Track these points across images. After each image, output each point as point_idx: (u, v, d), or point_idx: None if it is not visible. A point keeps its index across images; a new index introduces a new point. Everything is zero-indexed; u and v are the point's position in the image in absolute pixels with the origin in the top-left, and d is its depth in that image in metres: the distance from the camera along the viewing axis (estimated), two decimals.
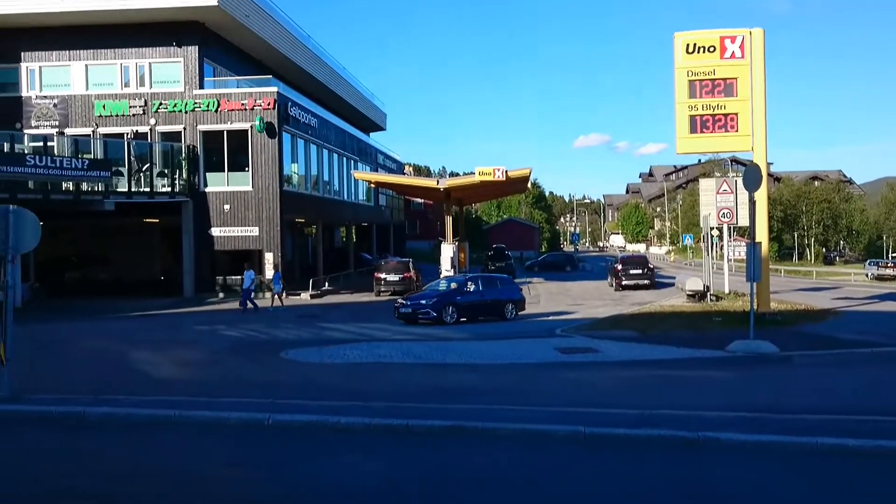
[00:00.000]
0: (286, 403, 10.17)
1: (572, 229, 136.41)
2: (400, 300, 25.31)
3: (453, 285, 25.70)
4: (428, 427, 9.04)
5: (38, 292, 30.94)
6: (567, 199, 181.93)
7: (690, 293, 28.66)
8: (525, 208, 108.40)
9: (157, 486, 7.06)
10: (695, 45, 21.45)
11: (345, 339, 19.45)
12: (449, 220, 39.50)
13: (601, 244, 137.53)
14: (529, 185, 51.56)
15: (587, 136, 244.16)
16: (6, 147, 29.32)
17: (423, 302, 24.36)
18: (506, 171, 34.28)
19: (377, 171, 53.76)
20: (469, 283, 25.95)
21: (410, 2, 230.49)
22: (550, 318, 25.68)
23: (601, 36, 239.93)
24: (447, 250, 36.43)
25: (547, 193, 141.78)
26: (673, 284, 37.23)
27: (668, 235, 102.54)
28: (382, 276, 35.74)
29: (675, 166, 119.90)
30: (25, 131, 33.02)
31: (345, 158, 46.08)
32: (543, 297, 34.96)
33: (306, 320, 25.16)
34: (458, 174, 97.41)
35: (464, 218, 52.28)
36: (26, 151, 29.86)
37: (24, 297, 27.46)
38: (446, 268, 36.07)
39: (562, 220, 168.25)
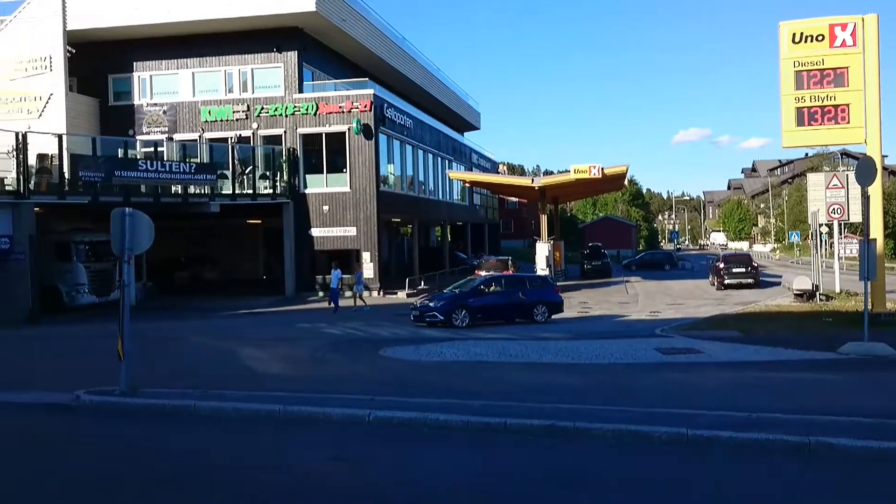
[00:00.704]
0: (386, 400, 10.33)
1: (671, 227, 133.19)
2: (415, 302, 24.56)
3: (479, 287, 24.43)
4: (526, 426, 9.02)
5: (151, 291, 32.41)
6: (665, 196, 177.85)
7: (798, 292, 27.53)
8: (622, 206, 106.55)
9: (260, 478, 7.30)
10: (802, 34, 20.62)
11: (441, 338, 19.60)
12: (544, 219, 39.28)
13: (701, 242, 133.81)
14: (626, 182, 50.63)
15: (686, 131, 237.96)
16: (120, 153, 30.86)
17: (432, 304, 23.62)
18: (602, 169, 33.81)
19: (472, 170, 53.93)
20: (487, 283, 24.72)
21: (505, 4, 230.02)
22: (646, 317, 25.16)
23: (701, 27, 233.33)
24: (542, 249, 36.25)
25: (644, 190, 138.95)
26: (779, 283, 35.87)
27: (772, 233, 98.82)
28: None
29: (779, 161, 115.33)
30: (138, 137, 34.66)
31: (439, 158, 46.42)
32: (641, 295, 34.28)
33: (404, 319, 25.45)
34: (552, 172, 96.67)
35: (559, 216, 51.84)
36: (139, 157, 31.33)
37: (138, 296, 28.85)
38: (541, 266, 35.90)
39: (660, 217, 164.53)
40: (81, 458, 8.17)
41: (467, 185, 49.47)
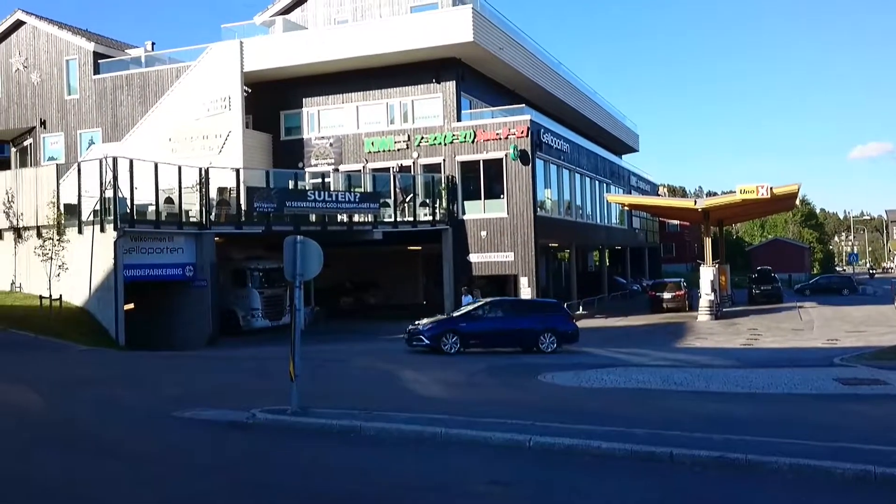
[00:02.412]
0: (546, 426, 10.22)
1: (849, 249, 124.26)
2: (410, 326, 23.53)
3: (473, 311, 23.06)
4: (694, 457, 8.64)
5: (318, 315, 33.90)
6: (842, 217, 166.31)
7: None
8: (792, 227, 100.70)
9: (422, 499, 7.41)
10: None
11: (601, 364, 19.22)
12: (708, 242, 37.83)
13: (886, 265, 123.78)
14: (797, 201, 47.88)
15: (864, 146, 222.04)
16: (291, 184, 32.69)
17: (421, 327, 22.64)
18: (770, 189, 32.17)
19: (630, 193, 52.87)
20: (482, 307, 23.27)
21: (660, 20, 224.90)
22: (823, 345, 23.52)
23: (877, 28, 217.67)
24: (706, 273, 34.87)
25: (818, 210, 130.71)
26: None
27: None
28: (656, 294, 39.07)
29: None
30: (307, 169, 36.57)
31: (597, 182, 45.85)
32: (816, 322, 32.13)
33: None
34: (716, 193, 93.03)
35: (723, 239, 49.70)
36: (307, 188, 33.07)
37: (307, 320, 30.27)
38: (706, 291, 34.52)
39: (836, 239, 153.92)
40: (260, 472, 8.62)
41: (626, 208, 48.51)
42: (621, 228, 52.39)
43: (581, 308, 37.22)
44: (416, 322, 23.32)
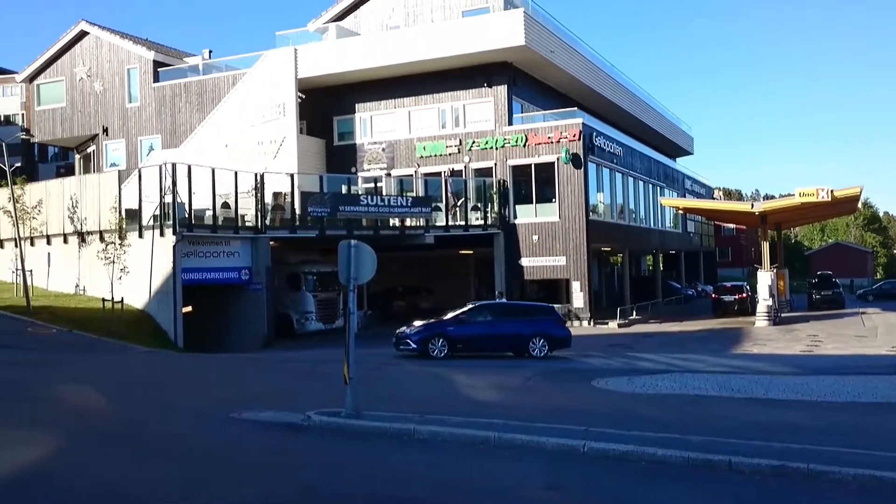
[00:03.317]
0: (601, 432, 10.13)
1: None
2: (398, 330, 23.13)
3: (461, 314, 22.42)
4: (753, 465, 8.47)
5: (371, 319, 34.14)
6: None
7: None
8: (854, 231, 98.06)
9: (477, 503, 7.41)
10: None
11: (656, 370, 18.96)
12: (765, 246, 37.08)
13: None
14: (860, 205, 46.56)
15: None
16: (344, 189, 33.02)
17: (408, 331, 22.19)
18: (831, 191, 31.35)
19: (684, 196, 52.11)
20: (471, 312, 22.64)
21: (716, 24, 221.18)
22: (888, 352, 22.82)
23: None
24: (764, 278, 34.14)
25: (881, 213, 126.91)
26: None
27: None
28: (720, 297, 39.29)
29: None
30: (359, 174, 36.91)
31: (650, 185, 45.32)
32: (881, 329, 31.18)
33: (615, 349, 24.96)
34: (773, 196, 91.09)
35: (781, 243, 48.62)
36: (360, 192, 33.37)
37: (360, 324, 30.50)
38: (764, 296, 33.79)
39: None
40: (314, 474, 8.74)
41: (680, 211, 47.82)
42: (675, 232, 51.67)
43: (634, 313, 36.79)
44: (406, 326, 23.05)
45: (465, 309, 23.17)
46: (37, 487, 7.92)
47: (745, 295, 38.88)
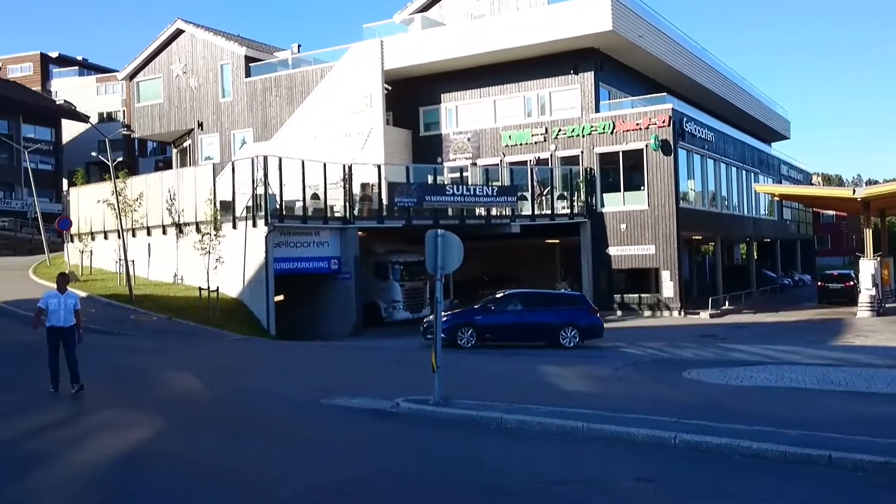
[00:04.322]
0: (693, 424, 9.90)
1: None
2: (426, 319, 22.49)
3: (490, 303, 21.96)
4: (855, 461, 8.11)
5: (457, 308, 34.30)
6: None
7: None
8: None
9: (567, 493, 7.37)
10: None
11: (749, 361, 18.40)
12: (868, 233, 35.40)
13: None
14: None
15: None
16: (430, 179, 33.25)
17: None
18: None
19: (780, 182, 50.28)
20: (501, 301, 21.99)
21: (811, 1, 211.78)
22: None
23: None
24: (867, 266, 32.63)
25: None
26: None
27: None
28: (826, 284, 39.00)
29: None
30: (445, 164, 37.09)
31: (744, 171, 43.89)
32: None
33: (707, 340, 24.36)
34: (877, 182, 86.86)
35: (886, 230, 46.37)
36: (446, 182, 33.53)
37: None
38: (866, 285, 32.33)
39: None
40: (403, 460, 8.87)
41: (776, 198, 46.12)
42: (771, 220, 49.94)
43: (727, 303, 35.80)
44: (425, 321, 22.76)
45: (493, 297, 22.91)
46: (144, 465, 8.30)
47: (851, 284, 37.61)
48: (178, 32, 43.67)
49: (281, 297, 27.39)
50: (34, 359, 15.15)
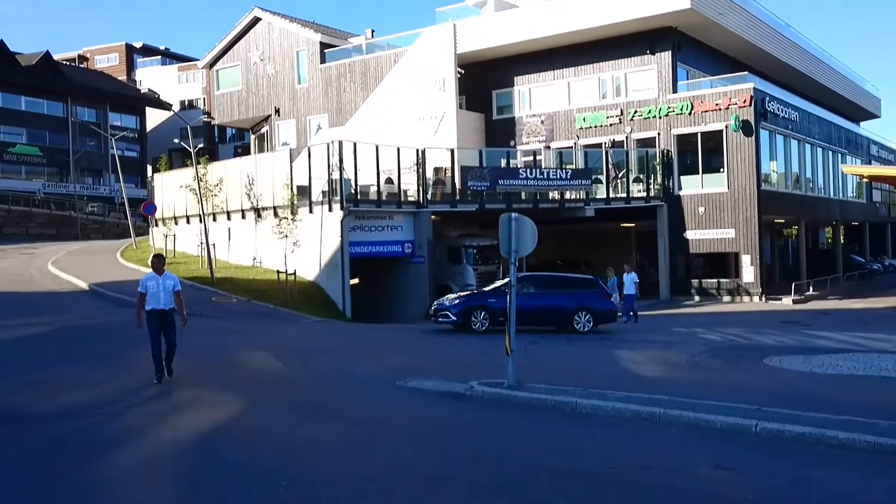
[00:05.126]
0: (775, 412, 9.62)
1: None
2: (436, 302, 21.70)
3: (501, 286, 20.73)
4: None
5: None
6: None
7: None
8: None
9: (644, 479, 7.26)
10: None
11: (835, 349, 17.76)
12: None
13: None
14: None
15: None
16: (503, 163, 33.10)
17: (446, 303, 20.61)
18: None
19: (869, 163, 48.23)
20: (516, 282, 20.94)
21: None
22: None
23: None
24: None
25: None
26: None
27: None
28: None
29: None
30: (518, 147, 36.84)
31: (829, 152, 42.24)
32: None
33: (789, 326, 23.63)
34: None
35: None
36: (519, 166, 33.33)
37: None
38: None
39: None
40: (477, 442, 8.90)
41: (864, 180, 44.27)
42: (859, 202, 47.98)
43: (811, 288, 34.63)
44: (446, 298, 22.05)
45: (505, 280, 22.02)
46: (225, 442, 8.55)
47: None
48: (256, 20, 44.47)
49: (356, 281, 27.76)
50: (124, 339, 15.78)
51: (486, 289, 21.68)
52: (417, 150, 28.52)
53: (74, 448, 8.24)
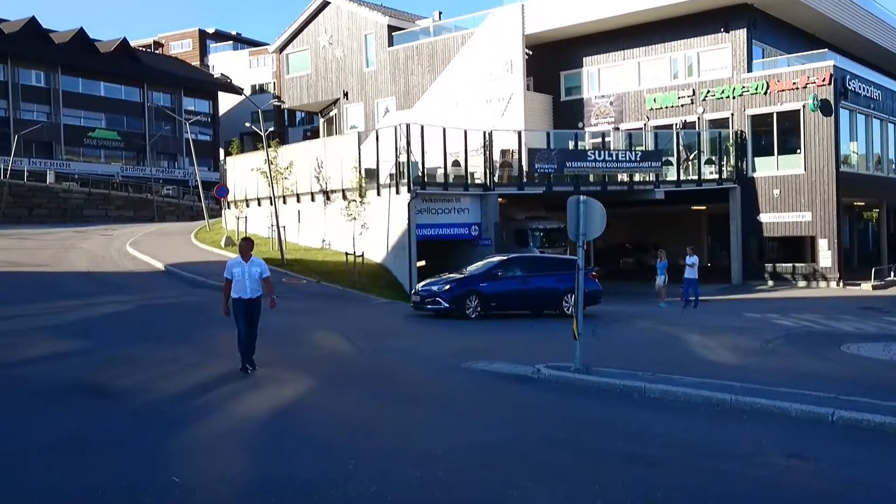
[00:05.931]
0: (853, 401, 9.37)
1: None
2: (417, 286, 20.85)
3: (493, 269, 20.25)
4: None
5: (598, 275, 33.82)
6: None
7: None
8: None
9: (715, 467, 7.18)
10: None
11: None
12: None
13: None
14: None
15: None
16: (571, 145, 32.74)
17: (435, 288, 19.66)
18: None
19: None
20: (503, 266, 20.34)
21: None
22: None
23: None
24: None
25: None
26: None
27: None
28: None
29: None
30: (586, 129, 36.37)
31: None
32: None
33: (868, 313, 22.86)
34: None
35: None
36: (587, 148, 32.91)
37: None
38: None
39: None
40: (544, 425, 8.89)
41: None
42: None
43: (892, 274, 33.43)
44: (419, 286, 21.07)
45: (494, 263, 21.44)
46: (295, 419, 8.77)
47: None
48: (325, 4, 44.87)
49: (423, 263, 27.92)
50: (198, 318, 16.28)
51: (476, 273, 20.79)
52: (484, 133, 28.45)
53: (156, 421, 8.57)
